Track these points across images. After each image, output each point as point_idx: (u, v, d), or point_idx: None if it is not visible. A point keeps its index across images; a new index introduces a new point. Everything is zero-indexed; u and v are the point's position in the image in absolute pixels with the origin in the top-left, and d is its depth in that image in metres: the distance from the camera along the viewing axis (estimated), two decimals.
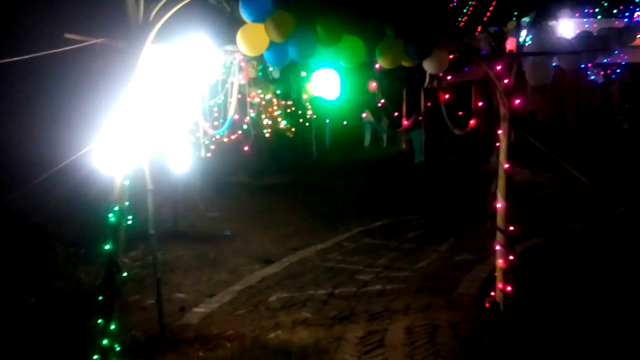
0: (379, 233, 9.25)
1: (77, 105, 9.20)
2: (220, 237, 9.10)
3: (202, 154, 8.00)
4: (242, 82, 6.37)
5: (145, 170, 4.77)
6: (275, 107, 14.92)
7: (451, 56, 4.87)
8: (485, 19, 17.17)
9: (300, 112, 15.53)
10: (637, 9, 14.74)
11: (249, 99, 8.49)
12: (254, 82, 9.18)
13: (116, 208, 3.94)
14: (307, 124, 16.24)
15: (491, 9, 18.79)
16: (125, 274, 4.19)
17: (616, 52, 13.30)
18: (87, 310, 4.94)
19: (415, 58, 4.44)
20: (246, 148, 10.78)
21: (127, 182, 4.01)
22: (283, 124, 15.29)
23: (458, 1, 20.39)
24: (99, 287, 4.75)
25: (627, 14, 14.74)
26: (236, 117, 7.11)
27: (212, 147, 9.61)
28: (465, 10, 19.31)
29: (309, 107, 15.08)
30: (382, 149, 19.80)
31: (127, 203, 4.06)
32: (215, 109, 7.64)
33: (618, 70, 17.11)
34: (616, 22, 14.22)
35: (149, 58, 4.19)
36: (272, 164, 15.59)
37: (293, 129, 16.22)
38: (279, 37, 4.11)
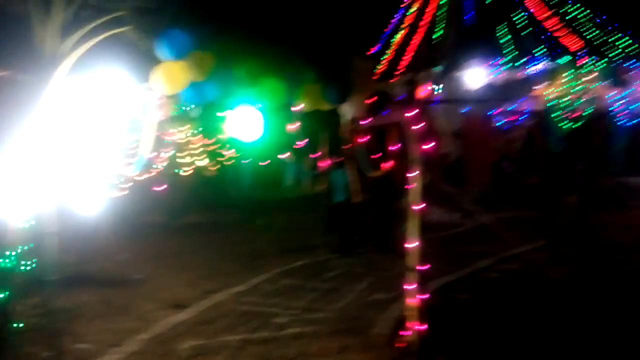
0: (298, 273, 9.19)
1: None
2: (130, 281, 8.61)
3: (114, 193, 7.64)
4: (159, 119, 6.23)
5: (50, 210, 4.48)
6: (194, 145, 14.69)
7: (369, 100, 5.08)
8: (402, 68, 18.16)
9: (220, 150, 15.39)
10: (536, 62, 16.16)
11: (165, 137, 8.27)
12: (172, 120, 8.99)
13: (11, 252, 3.65)
14: (228, 163, 16.10)
15: (407, 58, 19.96)
16: (18, 324, 3.84)
17: (519, 100, 14.49)
18: None
19: (333, 101, 4.58)
20: (161, 187, 10.42)
21: (29, 224, 3.74)
22: (203, 162, 15.04)
23: (377, 49, 21.47)
24: None
25: (528, 66, 16.13)
26: (151, 155, 6.89)
27: (126, 185, 9.20)
28: (382, 59, 20.33)
29: (229, 146, 14.99)
30: (303, 189, 19.95)
31: (29, 246, 3.77)
32: (130, 147, 7.38)
33: (522, 117, 18.60)
34: (518, 74, 15.49)
35: (59, 91, 4.01)
36: (191, 203, 15.19)
37: (213, 168, 16.00)
38: (198, 76, 4.10)
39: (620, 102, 17.34)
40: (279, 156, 11.41)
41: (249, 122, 4.47)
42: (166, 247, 11.34)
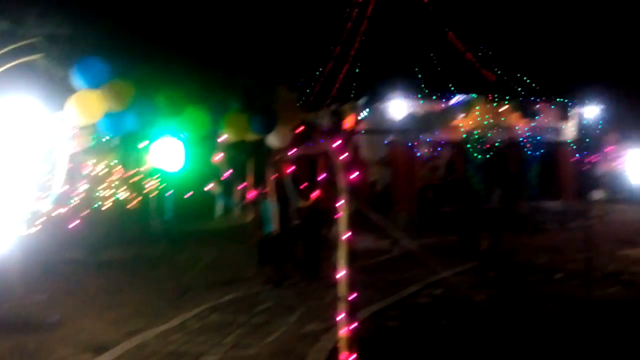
0: (228, 308, 8.92)
1: None
2: (45, 324, 8.00)
3: (26, 229, 7.11)
4: (74, 150, 5.90)
5: None
6: (114, 178, 14.13)
7: (295, 131, 5.09)
8: (328, 99, 18.55)
9: (143, 182, 14.92)
10: (454, 95, 17.01)
11: (82, 170, 7.86)
12: (88, 152, 8.58)
13: None
14: (151, 195, 15.60)
15: (333, 89, 20.43)
16: None
17: (438, 131, 15.15)
18: None
19: (259, 132, 4.54)
20: (76, 222, 9.86)
21: None
22: (123, 194, 14.47)
23: (304, 79, 21.83)
24: None
25: (444, 99, 16.95)
26: (66, 188, 6.51)
27: (39, 221, 8.63)
28: (308, 91, 20.69)
29: (151, 177, 14.55)
30: (232, 220, 19.64)
31: None
32: (43, 180, 6.94)
33: (442, 146, 19.45)
34: (437, 106, 16.23)
35: None
36: (111, 238, 14.47)
37: (135, 200, 15.43)
38: (116, 106, 3.93)
39: (530, 132, 18.58)
40: (205, 188, 11.15)
41: (172, 153, 4.31)
42: (85, 285, 10.68)
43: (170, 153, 4.26)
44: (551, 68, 19.43)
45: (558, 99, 19.34)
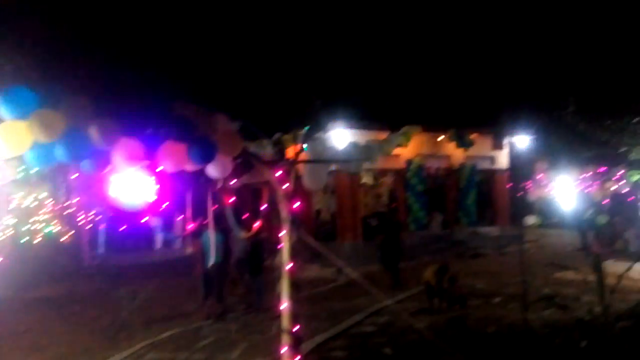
0: (167, 345, 8.56)
1: None
2: None
3: None
4: (1, 183, 5.58)
5: None
6: (44, 210, 13.45)
7: (236, 160, 5.02)
8: (270, 129, 18.60)
9: (75, 215, 14.29)
10: (393, 125, 17.40)
11: (9, 203, 7.43)
12: (16, 184, 8.14)
13: None
14: (86, 228, 14.96)
15: (276, 119, 20.51)
16: None
17: (380, 159, 15.42)
18: None
19: (197, 162, 4.45)
20: (2, 258, 9.26)
21: None
22: (55, 228, 13.77)
23: (246, 108, 21.78)
24: None
25: (385, 129, 17.32)
26: None
27: None
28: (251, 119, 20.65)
29: (86, 209, 13.97)
30: (173, 252, 19.07)
31: None
32: None
33: (384, 175, 19.85)
34: (379, 135, 16.57)
35: None
36: (41, 274, 13.66)
37: (68, 234, 14.73)
38: (45, 137, 3.75)
39: (466, 161, 19.31)
40: (142, 220, 10.80)
41: (138, 187, 4.13)
42: (12, 325, 9.97)
43: (135, 186, 4.07)
44: (484, 99, 20.37)
45: (492, 129, 20.26)
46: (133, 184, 4.15)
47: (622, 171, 18.17)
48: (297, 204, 5.63)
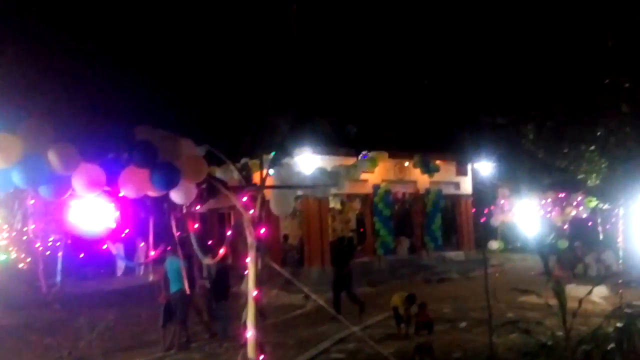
0: None
1: None
2: None
3: None
4: None
5: None
6: (1, 236, 12.95)
7: (201, 186, 4.96)
8: (236, 154, 18.52)
9: (34, 241, 13.80)
10: (360, 150, 17.58)
11: None
12: None
13: None
14: (44, 254, 14.44)
15: (242, 144, 20.46)
16: None
17: (347, 184, 15.49)
18: None
19: (161, 188, 4.37)
20: None
21: None
22: (10, 254, 13.24)
23: (212, 133, 21.67)
24: None
25: (352, 154, 17.49)
26: None
27: None
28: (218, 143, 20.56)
29: (46, 235, 13.51)
30: (135, 280, 18.55)
31: None
32: None
33: (352, 200, 19.92)
34: (346, 160, 16.70)
35: None
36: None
37: (25, 260, 14.18)
38: (1, 162, 3.63)
39: (431, 186, 19.62)
40: (103, 246, 10.50)
41: (98, 213, 4.01)
42: None
43: (95, 213, 3.94)
44: (448, 126, 20.81)
45: (455, 156, 20.68)
46: (92, 210, 4.02)
47: (581, 197, 18.76)
48: (264, 229, 5.58)
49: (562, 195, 19.48)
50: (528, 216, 18.70)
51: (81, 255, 14.46)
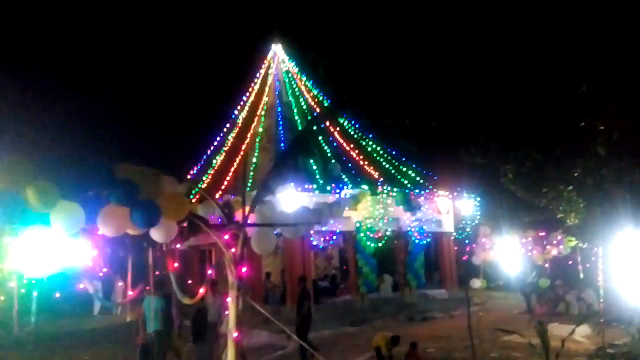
0: None
1: None
2: None
3: None
4: None
5: None
6: None
7: (182, 224, 4.91)
8: (219, 191, 18.46)
9: (5, 280, 13.42)
10: (343, 187, 17.70)
11: None
12: None
13: None
14: (17, 293, 14.02)
15: (225, 181, 20.44)
16: None
17: (330, 222, 15.42)
18: None
19: (141, 226, 4.32)
20: None
21: None
22: None
23: (197, 170, 21.65)
24: None
25: (337, 190, 17.56)
26: None
27: None
28: (201, 181, 20.52)
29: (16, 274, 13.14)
30: (112, 319, 18.05)
31: None
32: None
33: (334, 237, 19.87)
34: (329, 197, 16.69)
35: None
36: None
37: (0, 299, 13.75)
38: None
39: (414, 223, 19.66)
40: (78, 285, 10.24)
41: (40, 250, 3.91)
42: None
43: (38, 250, 3.85)
44: (429, 164, 21.06)
45: (437, 194, 20.86)
46: (36, 250, 3.86)
47: (561, 236, 18.94)
48: (245, 268, 5.52)
49: (542, 233, 19.64)
50: (509, 254, 18.77)
51: (57, 294, 14.04)
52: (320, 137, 20.28)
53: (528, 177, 8.26)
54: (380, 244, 18.76)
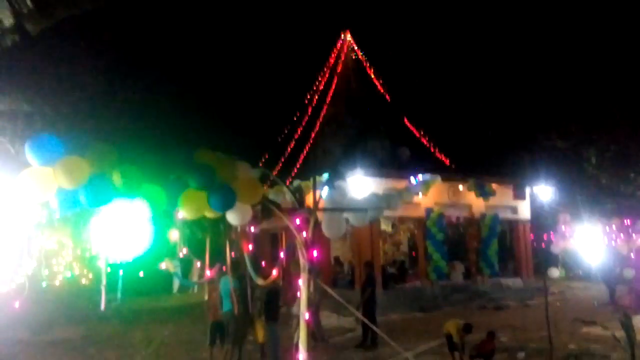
0: None
1: None
2: None
3: None
4: (26, 227, 5.69)
5: None
6: (65, 254, 13.63)
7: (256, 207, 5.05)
8: (290, 176, 18.79)
9: (94, 258, 14.44)
10: (414, 174, 17.43)
11: (32, 246, 7.52)
12: (40, 227, 8.28)
13: None
14: (104, 271, 15.06)
15: (296, 166, 20.75)
16: None
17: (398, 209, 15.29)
18: None
19: (217, 210, 4.49)
20: (23, 300, 9.31)
21: None
22: (75, 271, 13.90)
23: (268, 157, 22.14)
24: None
25: (405, 178, 17.34)
26: (13, 265, 6.19)
27: None
28: (272, 166, 20.96)
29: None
30: (190, 297, 18.95)
31: None
32: None
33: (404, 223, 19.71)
34: (398, 184, 16.53)
35: None
36: (59, 316, 13.68)
37: (87, 276, 14.82)
38: (69, 183, 3.85)
39: (487, 210, 19.07)
40: (160, 265, 10.81)
41: (127, 231, 4.15)
42: None
43: (125, 232, 4.09)
44: (505, 149, 20.33)
45: (512, 179, 20.09)
46: (120, 234, 4.04)
47: None
48: (316, 252, 5.60)
49: (627, 221, 18.48)
50: (590, 243, 17.81)
51: (140, 273, 14.96)
52: (390, 123, 20.09)
53: (613, 161, 7.78)
54: (450, 231, 18.38)
